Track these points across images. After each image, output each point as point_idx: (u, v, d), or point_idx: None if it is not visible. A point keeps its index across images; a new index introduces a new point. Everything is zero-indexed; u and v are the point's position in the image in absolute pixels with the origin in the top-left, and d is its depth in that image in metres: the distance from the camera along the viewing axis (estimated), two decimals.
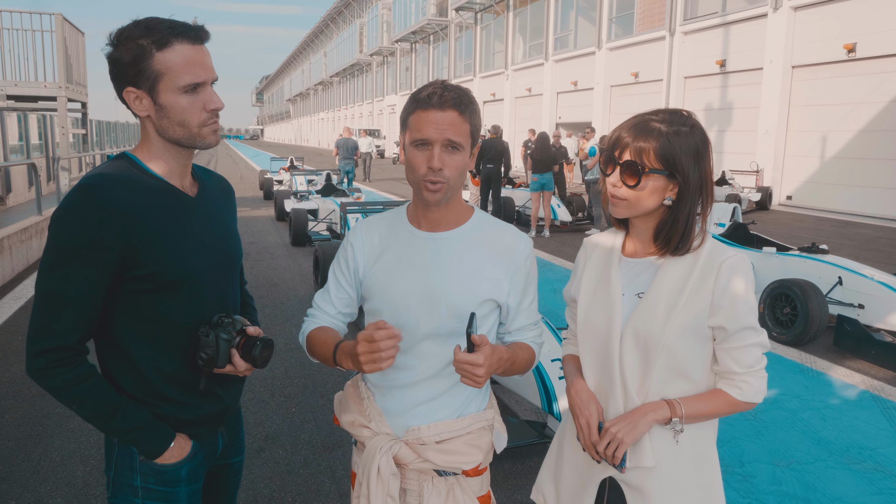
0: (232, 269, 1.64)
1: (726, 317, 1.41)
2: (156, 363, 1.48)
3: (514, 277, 1.58)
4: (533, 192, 11.51)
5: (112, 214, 1.34)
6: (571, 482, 1.62)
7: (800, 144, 15.86)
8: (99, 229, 1.33)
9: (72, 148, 14.76)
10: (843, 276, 5.73)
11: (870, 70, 14.10)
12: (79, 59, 13.11)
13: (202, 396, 1.56)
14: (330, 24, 70.83)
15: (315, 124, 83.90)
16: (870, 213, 14.09)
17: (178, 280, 1.45)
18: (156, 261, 1.41)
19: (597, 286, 1.57)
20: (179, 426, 1.53)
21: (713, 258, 1.44)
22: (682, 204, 1.44)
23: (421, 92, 1.51)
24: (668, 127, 1.42)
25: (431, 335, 1.54)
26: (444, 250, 1.56)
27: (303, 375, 4.75)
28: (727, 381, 1.46)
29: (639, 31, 21.44)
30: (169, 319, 1.47)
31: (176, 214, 1.47)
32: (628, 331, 1.47)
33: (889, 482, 3.36)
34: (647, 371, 1.46)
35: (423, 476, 1.58)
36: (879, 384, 4.70)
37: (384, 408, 1.60)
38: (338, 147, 17.47)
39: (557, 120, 26.60)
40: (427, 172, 1.48)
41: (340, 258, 1.67)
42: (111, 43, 1.41)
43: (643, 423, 1.43)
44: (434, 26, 38.34)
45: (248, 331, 1.54)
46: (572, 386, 1.59)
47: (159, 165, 1.49)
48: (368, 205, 8.67)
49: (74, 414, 4.00)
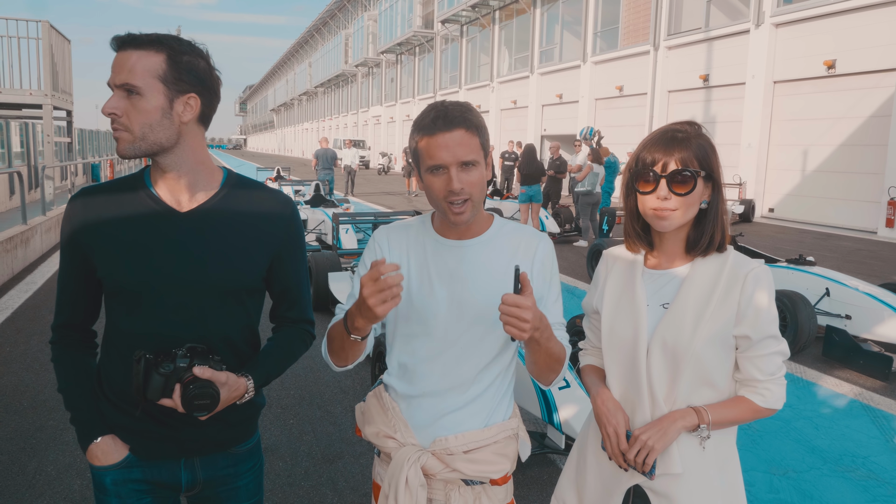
0: (216, 292, 1.50)
1: (751, 326, 1.45)
2: (108, 366, 1.55)
3: (538, 276, 1.59)
4: (521, 203, 11.58)
5: (73, 219, 1.48)
6: (595, 490, 1.63)
7: (782, 158, 16.13)
8: (67, 230, 1.50)
9: (55, 156, 14.60)
10: (830, 287, 5.83)
11: (849, 86, 14.41)
12: (65, 67, 13.00)
13: (134, 407, 1.51)
14: (315, 34, 70.91)
15: (299, 134, 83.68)
16: (850, 226, 14.35)
17: (127, 290, 1.46)
18: (106, 267, 1.46)
19: (620, 297, 1.60)
20: (114, 429, 1.55)
21: (738, 269, 1.48)
22: (715, 202, 1.52)
23: (423, 119, 1.50)
24: (693, 134, 1.51)
25: (458, 342, 1.55)
26: (470, 258, 1.58)
27: (299, 387, 4.73)
28: (750, 389, 1.50)
29: (623, 45, 21.72)
30: (120, 328, 1.51)
31: (142, 226, 1.46)
32: (655, 341, 1.50)
33: (882, 489, 3.42)
34: (675, 380, 1.49)
35: (450, 486, 1.59)
36: (868, 393, 4.78)
37: (410, 418, 1.60)
38: (317, 157, 17.45)
39: (542, 132, 26.81)
40: (448, 195, 1.48)
41: (366, 265, 1.67)
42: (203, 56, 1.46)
43: (673, 430, 1.46)
44: (420, 38, 38.52)
45: (194, 370, 1.39)
46: (598, 395, 1.61)
47: (153, 176, 1.51)
48: (359, 216, 8.68)
49: (69, 427, 3.98)
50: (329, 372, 5.02)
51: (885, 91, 13.61)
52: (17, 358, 5.19)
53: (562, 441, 3.53)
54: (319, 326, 6.50)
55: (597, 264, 8.89)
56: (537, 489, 3.38)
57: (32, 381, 4.71)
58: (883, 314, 5.36)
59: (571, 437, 3.53)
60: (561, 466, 3.61)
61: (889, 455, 3.81)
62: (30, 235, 9.15)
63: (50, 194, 10.79)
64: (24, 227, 9.01)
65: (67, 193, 13.37)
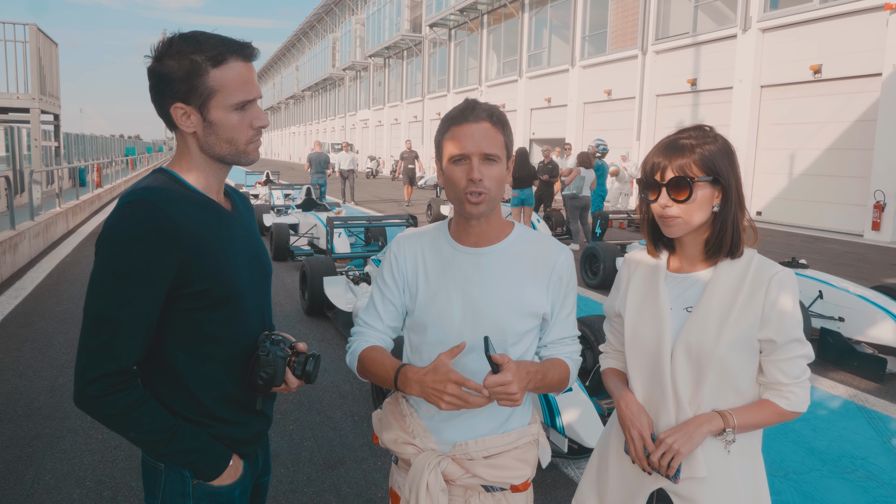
0: (268, 283, 1.63)
1: (775, 330, 1.46)
2: (207, 383, 1.45)
3: (554, 289, 1.59)
4: (513, 207, 11.60)
5: (168, 230, 1.31)
6: (618, 494, 1.64)
7: (769, 161, 16.29)
8: (157, 246, 1.29)
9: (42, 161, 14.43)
10: (822, 289, 5.89)
11: (835, 91, 14.59)
12: (52, 71, 12.87)
13: (253, 415, 1.54)
14: (302, 38, 70.73)
15: (286, 138, 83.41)
16: (837, 229, 14.51)
17: (226, 296, 1.43)
18: (207, 277, 1.38)
19: (644, 301, 1.60)
20: (232, 446, 1.50)
21: (762, 273, 1.49)
22: (727, 207, 1.51)
23: (452, 110, 1.56)
24: (698, 140, 1.50)
25: (475, 350, 1.55)
26: (488, 266, 1.58)
27: (297, 392, 4.69)
28: (774, 392, 1.51)
29: (611, 49, 21.86)
30: (218, 337, 1.44)
31: (220, 230, 1.45)
32: (679, 344, 1.51)
33: (882, 490, 3.45)
34: (699, 384, 1.49)
35: (470, 492, 1.58)
36: (863, 395, 4.83)
37: (429, 423, 1.60)
38: (310, 161, 17.41)
39: (531, 136, 26.91)
40: (468, 185, 1.49)
41: (385, 272, 1.67)
42: (155, 56, 1.37)
43: (698, 433, 1.46)
44: (408, 42, 38.54)
45: (297, 347, 1.53)
46: (621, 399, 1.61)
47: (199, 180, 1.46)
48: (352, 219, 8.65)
49: (66, 435, 3.94)
50: (327, 377, 4.99)
51: (870, 95, 13.79)
52: (10, 365, 5.12)
53: (564, 444, 3.53)
54: (314, 330, 6.44)
55: (590, 267, 8.88)
56: (540, 493, 3.37)
57: (26, 388, 4.64)
58: (876, 316, 5.42)
59: (574, 441, 3.53)
60: (563, 470, 3.62)
61: (887, 456, 3.85)
62: (18, 241, 9.04)
63: (38, 199, 10.67)
64: (13, 233, 8.89)
65: (55, 198, 13.21)
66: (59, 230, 11.99)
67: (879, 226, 13.38)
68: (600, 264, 8.42)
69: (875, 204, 13.40)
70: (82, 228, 13.45)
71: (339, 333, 6.23)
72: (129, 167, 31.59)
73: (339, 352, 5.68)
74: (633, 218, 12.79)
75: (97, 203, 17.48)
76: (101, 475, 3.46)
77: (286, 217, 11.65)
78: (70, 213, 13.20)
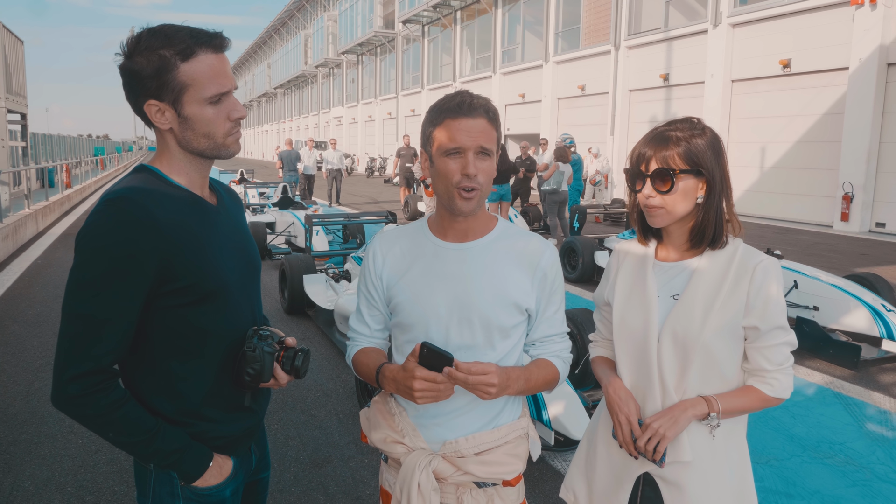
0: (257, 277, 1.62)
1: (760, 317, 1.49)
2: (194, 380, 1.43)
3: (539, 285, 1.58)
4: (491, 202, 11.63)
5: (147, 225, 1.28)
6: (605, 479, 1.66)
7: (740, 155, 16.54)
8: (137, 243, 1.27)
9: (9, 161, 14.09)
10: (797, 279, 6.00)
11: (804, 85, 14.87)
12: (18, 69, 12.56)
13: (240, 412, 1.52)
14: (274, 34, 70.01)
15: (259, 136, 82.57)
16: (807, 220, 14.81)
17: (212, 291, 1.41)
18: (190, 272, 1.36)
19: (632, 289, 1.63)
20: (217, 444, 1.48)
21: (747, 261, 1.52)
22: (711, 198, 1.54)
23: (448, 102, 1.51)
24: (685, 132, 1.53)
25: (463, 346, 1.54)
26: (473, 260, 1.56)
27: (281, 391, 4.65)
28: (758, 378, 1.54)
29: (585, 45, 22.01)
30: (206, 333, 1.42)
31: (204, 225, 1.43)
32: (666, 331, 1.53)
33: (861, 474, 3.53)
34: (685, 370, 1.52)
35: (462, 489, 1.57)
36: (839, 382, 4.93)
37: (418, 422, 1.59)
38: (281, 159, 17.23)
39: (506, 132, 26.97)
40: (461, 179, 1.48)
41: (365, 278, 1.65)
42: (125, 53, 1.34)
43: (683, 418, 1.49)
44: (381, 38, 38.38)
45: (286, 342, 1.52)
46: (609, 385, 1.63)
47: (181, 177, 1.44)
48: (330, 217, 8.60)
49: (44, 440, 3.85)
50: (310, 376, 4.96)
51: (837, 89, 14.08)
52: None
53: (551, 437, 3.55)
54: (296, 329, 6.36)
55: (569, 261, 8.94)
56: (528, 486, 3.39)
57: (1, 393, 4.54)
58: (849, 305, 5.54)
59: (560, 434, 3.55)
60: (550, 462, 3.64)
61: (863, 441, 3.94)
62: None
63: (6, 200, 10.42)
64: None
65: (23, 199, 12.91)
66: (28, 232, 11.73)
67: (848, 216, 13.68)
68: (579, 258, 8.48)
69: (843, 195, 13.70)
70: (53, 230, 13.18)
71: (321, 331, 6.19)
72: (99, 167, 30.98)
73: (322, 350, 5.65)
74: (609, 212, 12.90)
75: (67, 204, 17.11)
76: (82, 480, 3.40)
77: (262, 216, 11.54)
78: (40, 214, 12.91)
